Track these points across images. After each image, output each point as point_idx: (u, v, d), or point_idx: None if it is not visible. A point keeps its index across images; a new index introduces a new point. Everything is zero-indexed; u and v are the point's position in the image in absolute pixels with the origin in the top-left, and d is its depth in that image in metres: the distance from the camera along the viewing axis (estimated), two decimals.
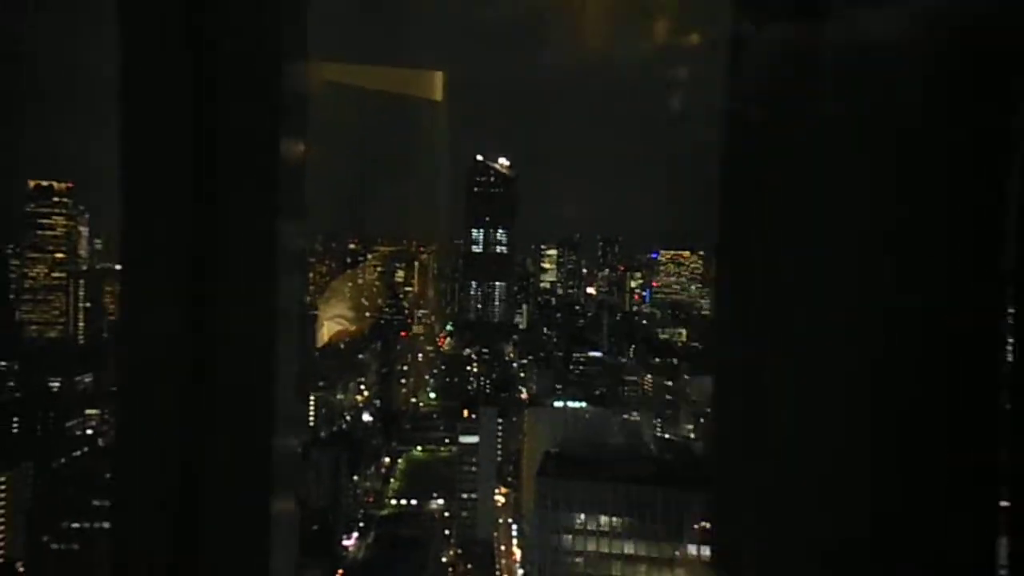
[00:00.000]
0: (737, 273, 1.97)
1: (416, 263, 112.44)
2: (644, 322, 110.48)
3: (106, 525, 49.02)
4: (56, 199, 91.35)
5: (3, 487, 52.32)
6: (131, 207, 1.82)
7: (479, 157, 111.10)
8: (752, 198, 1.91)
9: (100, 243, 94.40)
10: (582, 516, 37.01)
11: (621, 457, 47.88)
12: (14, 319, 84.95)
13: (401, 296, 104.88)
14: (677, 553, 36.10)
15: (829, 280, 1.85)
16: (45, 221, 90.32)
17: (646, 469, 41.67)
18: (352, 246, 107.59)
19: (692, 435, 74.34)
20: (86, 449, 60.99)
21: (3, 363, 73.19)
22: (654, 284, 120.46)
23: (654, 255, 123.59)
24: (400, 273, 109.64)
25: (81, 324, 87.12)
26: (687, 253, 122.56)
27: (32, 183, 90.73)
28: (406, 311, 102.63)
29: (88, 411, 67.13)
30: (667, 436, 75.28)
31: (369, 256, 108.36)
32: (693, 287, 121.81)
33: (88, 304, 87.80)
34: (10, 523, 51.78)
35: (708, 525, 36.28)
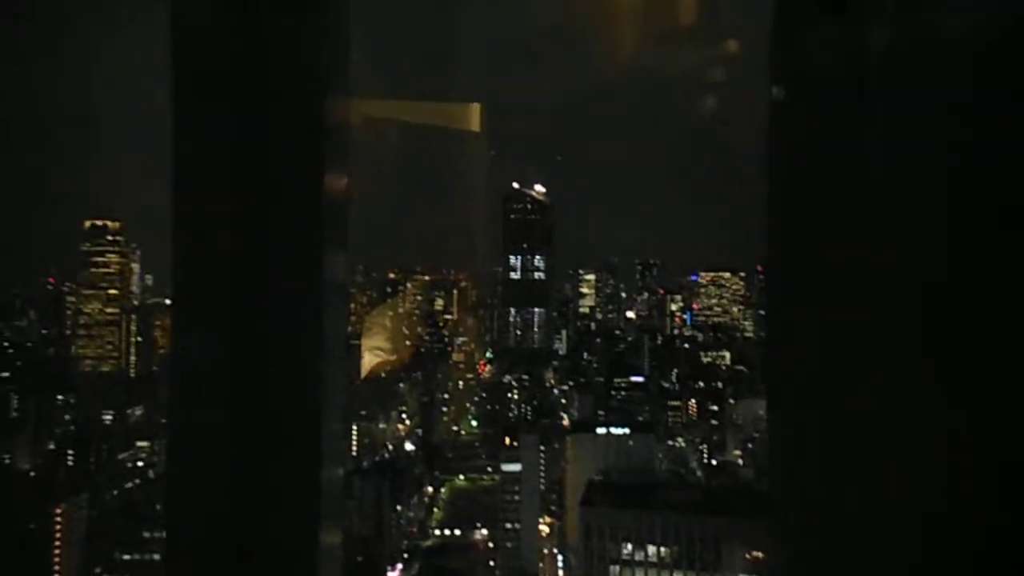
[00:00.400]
0: (787, 293, 1.92)
1: (455, 291, 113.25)
2: (686, 346, 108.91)
3: (156, 557, 49.99)
4: (110, 237, 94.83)
5: (59, 518, 53.65)
6: (180, 242, 1.86)
7: (515, 184, 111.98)
8: (801, 214, 1.87)
9: (151, 279, 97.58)
10: (629, 546, 36.24)
11: (667, 485, 46.91)
12: (70, 354, 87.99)
13: (440, 324, 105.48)
14: None
15: (883, 295, 1.79)
16: (99, 259, 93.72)
17: (693, 497, 40.69)
18: (391, 275, 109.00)
19: (740, 460, 72.54)
20: (137, 481, 62.31)
21: (60, 397, 75.68)
22: (695, 307, 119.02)
23: (694, 277, 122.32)
24: (439, 301, 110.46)
25: (133, 358, 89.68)
26: (727, 274, 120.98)
27: (87, 222, 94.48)
28: (445, 339, 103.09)
29: (139, 443, 68.71)
30: (714, 462, 73.60)
31: (408, 285, 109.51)
32: (735, 309, 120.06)
33: (139, 338, 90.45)
34: (65, 555, 53.00)
35: (760, 555, 35.23)
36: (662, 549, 35.65)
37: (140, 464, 66.77)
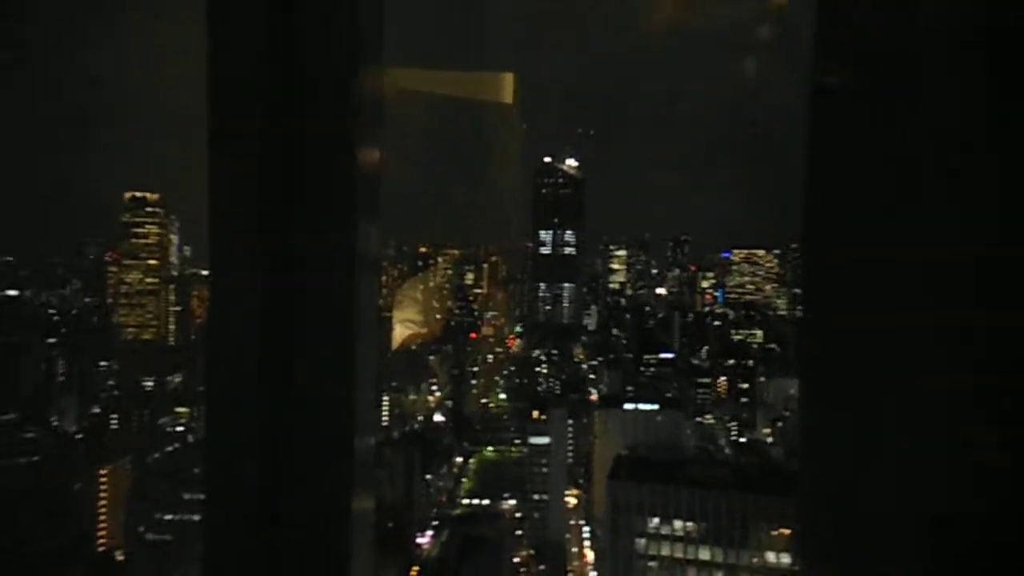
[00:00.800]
0: (823, 271, 1.89)
1: (485, 265, 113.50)
2: (717, 323, 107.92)
3: (195, 517, 51.70)
4: (149, 209, 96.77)
5: (104, 479, 55.70)
6: (216, 215, 1.88)
7: (547, 159, 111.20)
8: (840, 191, 1.83)
9: (189, 250, 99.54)
10: (655, 520, 36.40)
11: (695, 461, 46.84)
12: (113, 322, 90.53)
13: (470, 298, 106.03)
14: (755, 560, 35.04)
15: (921, 274, 1.75)
16: (139, 230, 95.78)
17: (722, 473, 40.61)
18: (423, 249, 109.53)
19: (769, 439, 72.09)
20: (177, 445, 64.30)
21: (103, 363, 78.19)
22: (726, 284, 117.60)
23: (726, 254, 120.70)
24: (469, 276, 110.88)
25: (172, 327, 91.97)
26: (761, 252, 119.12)
27: (128, 194, 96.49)
28: (475, 313, 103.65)
29: (178, 409, 70.84)
30: (743, 440, 73.27)
31: (439, 259, 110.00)
32: (768, 287, 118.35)
33: (178, 308, 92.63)
34: (111, 514, 55.10)
35: (788, 532, 35.13)
36: (689, 524, 35.73)
37: (179, 429, 68.91)
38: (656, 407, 64.69)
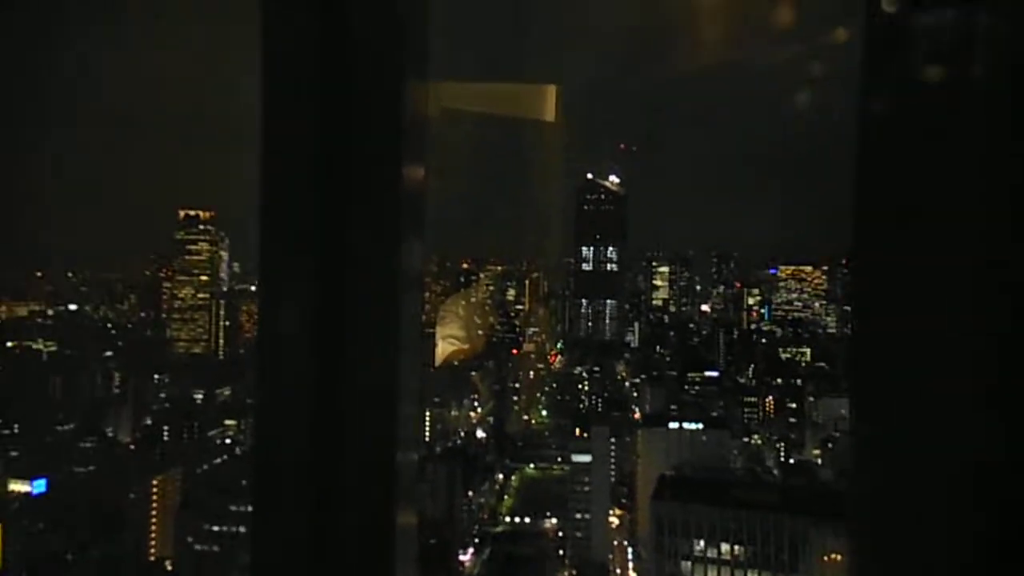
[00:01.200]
0: (874, 288, 1.84)
1: (526, 282, 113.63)
2: (763, 341, 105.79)
3: (241, 529, 52.62)
4: (201, 226, 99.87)
5: (156, 489, 57.16)
6: (266, 232, 1.92)
7: (589, 175, 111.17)
8: (891, 206, 1.79)
9: (238, 266, 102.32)
10: (701, 543, 35.53)
11: (742, 482, 45.68)
12: (165, 336, 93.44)
13: (512, 315, 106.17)
14: None
15: (976, 294, 1.69)
16: (192, 247, 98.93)
17: (770, 496, 39.48)
18: (465, 265, 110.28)
19: (819, 460, 70.02)
20: (225, 457, 65.66)
21: (156, 376, 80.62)
22: (773, 301, 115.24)
23: (773, 271, 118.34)
24: (511, 292, 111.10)
25: (221, 341, 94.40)
26: (809, 268, 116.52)
27: (181, 212, 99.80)
28: (517, 329, 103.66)
29: (227, 421, 72.40)
30: (791, 461, 71.33)
31: (481, 275, 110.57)
32: (817, 304, 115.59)
33: (227, 322, 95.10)
34: (161, 523, 56.45)
35: (839, 557, 33.94)
36: (736, 547, 34.72)
37: (228, 441, 70.42)
38: (701, 426, 63.55)
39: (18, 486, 55.76)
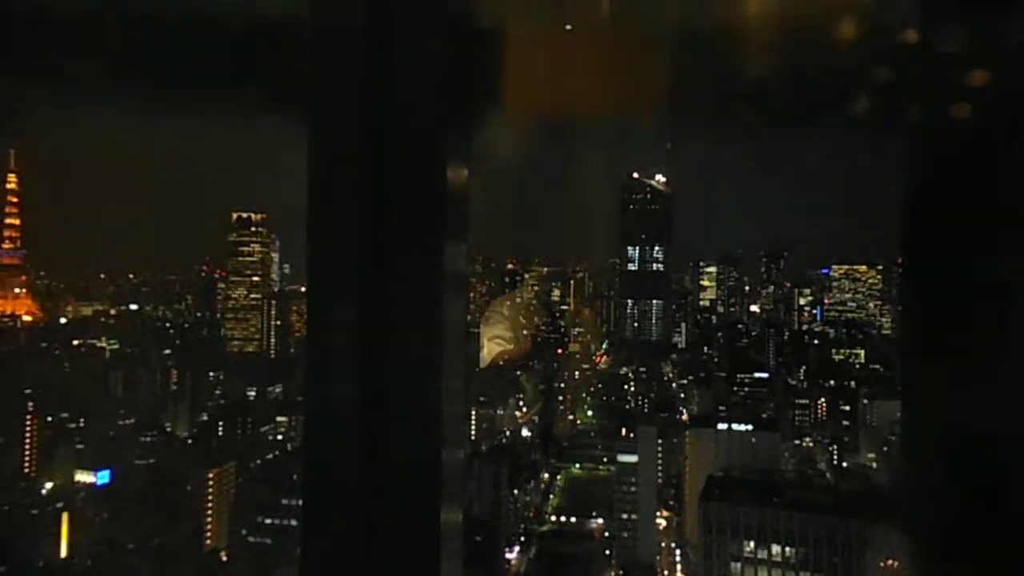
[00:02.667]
0: (927, 288, 1.79)
1: (572, 282, 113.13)
2: (815, 342, 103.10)
3: (293, 522, 53.88)
4: (253, 228, 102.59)
5: (211, 482, 58.97)
6: (314, 234, 1.96)
7: (635, 174, 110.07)
8: (943, 205, 1.74)
9: (288, 268, 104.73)
10: (751, 544, 34.83)
11: (794, 483, 44.60)
12: (220, 335, 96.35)
13: (557, 315, 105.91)
14: None
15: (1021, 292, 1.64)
16: (245, 248, 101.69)
17: (823, 497, 38.41)
18: (509, 266, 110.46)
19: (874, 464, 67.97)
20: (276, 452, 67.32)
21: (211, 373, 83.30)
22: (826, 301, 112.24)
23: (825, 271, 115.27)
24: (555, 292, 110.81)
25: (273, 340, 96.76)
26: (863, 267, 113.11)
27: (235, 214, 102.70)
28: (562, 330, 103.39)
29: (279, 418, 74.26)
30: (844, 465, 69.44)
31: (526, 276, 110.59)
32: (871, 304, 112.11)
33: (278, 322, 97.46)
34: (216, 515, 58.23)
35: (894, 563, 32.89)
36: (787, 549, 33.87)
37: (279, 438, 72.19)
38: (750, 428, 62.36)
39: (84, 476, 58.24)
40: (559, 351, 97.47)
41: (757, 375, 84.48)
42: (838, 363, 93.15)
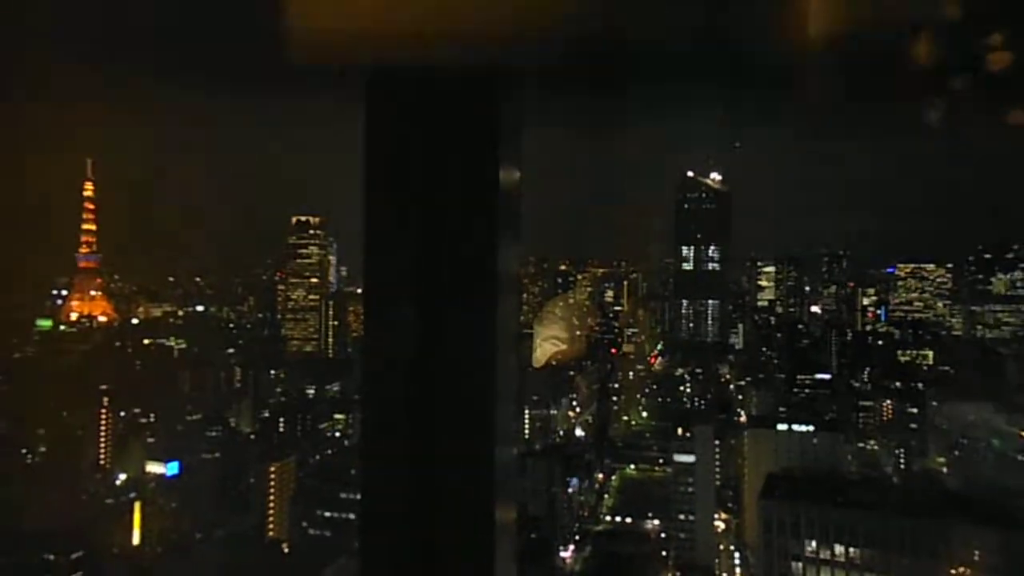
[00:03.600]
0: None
1: (625, 283, 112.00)
2: (880, 343, 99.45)
3: (350, 516, 54.95)
4: (312, 232, 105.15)
5: (273, 475, 60.67)
6: (371, 237, 2.00)
7: (689, 173, 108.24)
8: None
9: (345, 271, 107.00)
10: (812, 543, 33.66)
11: (859, 483, 42.80)
12: (280, 335, 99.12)
13: (611, 316, 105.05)
14: None
15: None
16: (303, 251, 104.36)
17: (890, 496, 36.72)
18: (562, 267, 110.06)
19: (944, 468, 65.08)
20: (335, 449, 68.80)
21: (272, 372, 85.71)
22: (891, 301, 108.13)
23: (890, 270, 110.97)
24: (609, 293, 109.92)
25: (330, 340, 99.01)
26: (931, 266, 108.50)
27: (294, 218, 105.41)
28: (616, 330, 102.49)
29: (337, 416, 75.96)
30: (913, 468, 66.73)
31: (579, 277, 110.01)
32: (940, 304, 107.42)
33: (336, 322, 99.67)
34: (277, 507, 59.96)
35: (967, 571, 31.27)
36: (851, 549, 32.52)
37: (337, 434, 73.87)
38: (811, 428, 60.49)
39: (154, 467, 60.73)
40: (613, 351, 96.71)
41: (818, 376, 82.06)
42: (904, 364, 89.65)
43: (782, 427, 61.25)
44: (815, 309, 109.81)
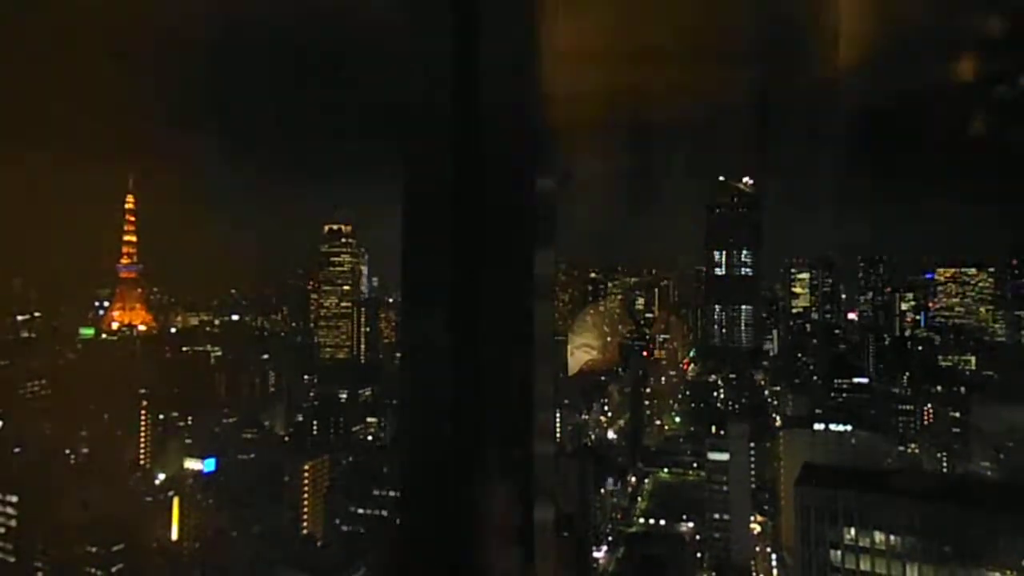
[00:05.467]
0: None
1: (656, 290, 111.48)
2: (919, 348, 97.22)
3: (383, 513, 55.19)
4: (343, 240, 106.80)
5: (307, 473, 61.28)
6: (408, 244, 2.04)
7: (721, 177, 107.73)
8: None
9: (376, 281, 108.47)
10: (852, 531, 32.95)
11: (902, 470, 41.53)
12: (313, 341, 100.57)
13: (642, 322, 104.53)
14: None
15: None
16: (335, 259, 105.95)
17: (933, 482, 35.68)
18: (592, 274, 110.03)
19: (989, 472, 63.22)
20: (368, 451, 69.18)
21: (306, 377, 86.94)
22: (931, 305, 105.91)
23: (929, 275, 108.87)
24: (640, 300, 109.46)
25: (363, 346, 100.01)
26: (973, 271, 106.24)
27: (326, 227, 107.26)
28: (647, 337, 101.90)
29: (369, 419, 76.58)
30: (956, 471, 64.87)
31: (610, 284, 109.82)
32: (982, 309, 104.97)
33: (367, 329, 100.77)
34: (312, 504, 60.46)
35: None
36: (892, 537, 31.65)
37: (370, 437, 74.36)
38: (849, 428, 59.18)
39: (192, 464, 61.77)
40: (645, 353, 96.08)
41: (856, 380, 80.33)
42: (945, 369, 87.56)
43: (818, 426, 60.06)
44: (851, 316, 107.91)
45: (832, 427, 59.60)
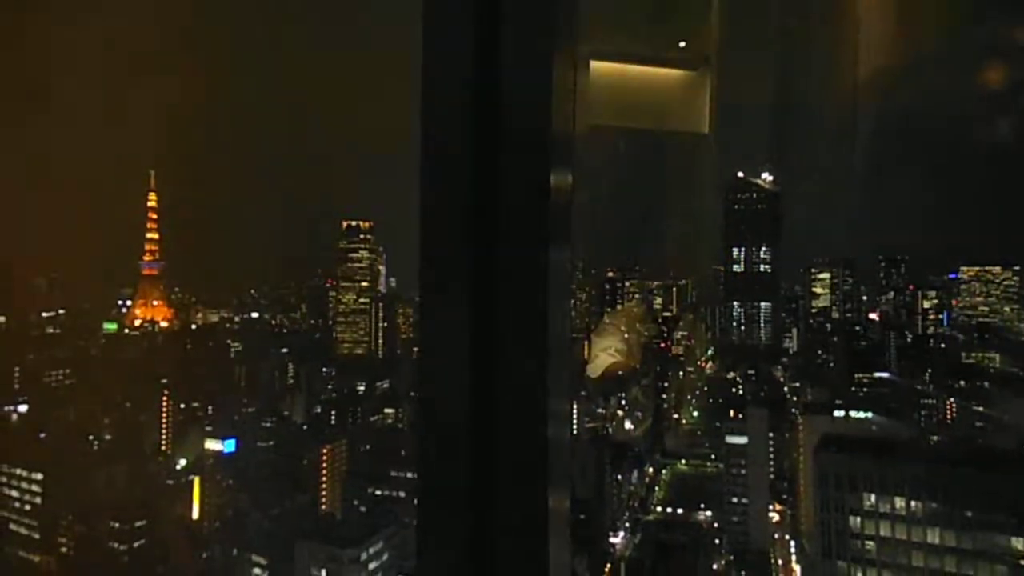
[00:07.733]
0: None
1: (674, 289, 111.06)
2: (942, 346, 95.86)
3: (401, 494, 55.45)
4: (362, 236, 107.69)
5: (325, 456, 61.85)
6: (426, 242, 2.04)
7: (740, 173, 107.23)
8: None
9: (394, 281, 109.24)
10: (872, 497, 32.49)
11: (922, 435, 40.76)
12: (332, 337, 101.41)
13: (660, 320, 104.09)
14: (1000, 545, 29.85)
15: None
16: (354, 255, 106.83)
17: (957, 449, 35.16)
18: (610, 274, 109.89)
19: None
20: (385, 437, 69.63)
21: (324, 370, 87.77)
22: (954, 303, 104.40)
23: (953, 275, 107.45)
24: (658, 299, 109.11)
25: (380, 342, 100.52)
26: (998, 269, 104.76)
27: (344, 223, 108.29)
28: (665, 333, 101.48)
29: (386, 410, 77.13)
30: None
31: (627, 284, 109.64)
32: (1007, 308, 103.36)
33: (385, 324, 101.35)
34: (330, 484, 60.99)
35: None
36: (913, 503, 31.15)
37: (388, 421, 75.03)
38: (870, 415, 58.43)
39: (213, 444, 62.55)
40: (662, 344, 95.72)
41: (877, 375, 79.47)
42: (968, 366, 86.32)
43: (839, 413, 59.42)
44: (873, 316, 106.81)
45: (852, 414, 58.93)
